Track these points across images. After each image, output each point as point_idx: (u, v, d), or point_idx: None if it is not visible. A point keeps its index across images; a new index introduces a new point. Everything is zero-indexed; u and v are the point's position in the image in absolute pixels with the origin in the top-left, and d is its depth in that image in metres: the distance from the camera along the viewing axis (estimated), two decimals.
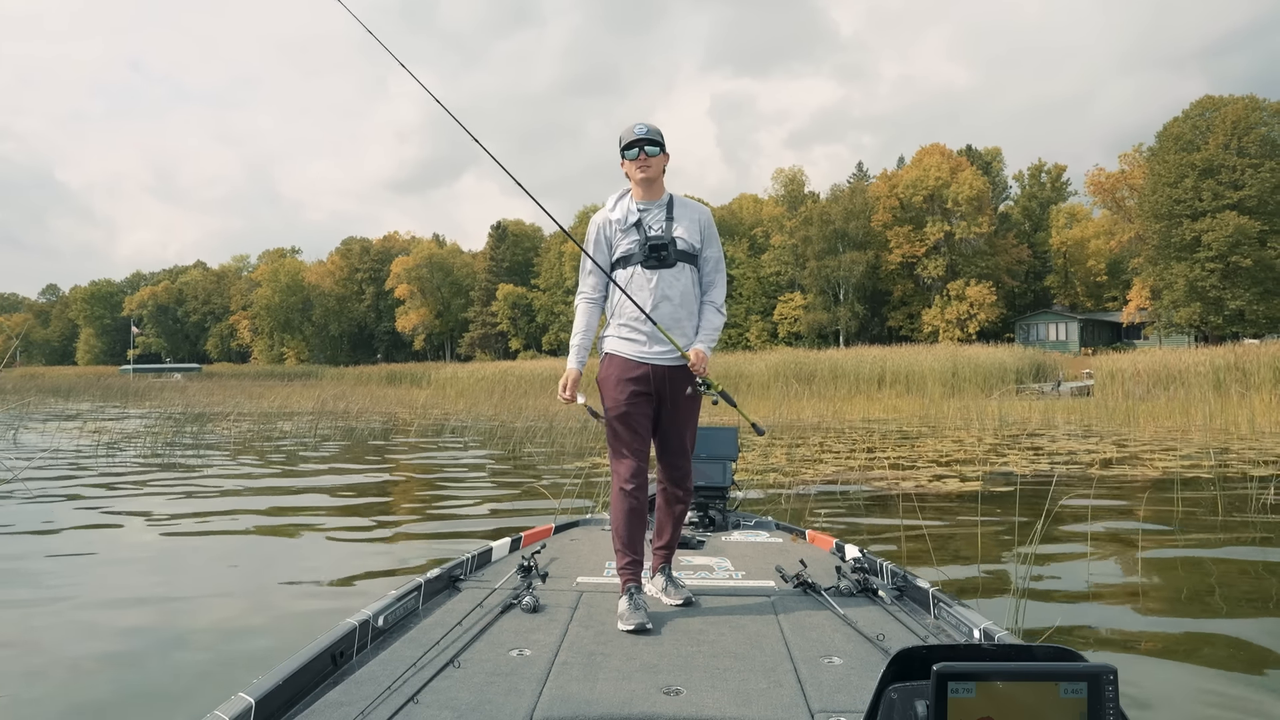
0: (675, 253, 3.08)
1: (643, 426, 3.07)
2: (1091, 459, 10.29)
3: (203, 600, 4.39)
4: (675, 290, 3.08)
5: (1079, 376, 36.12)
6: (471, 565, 3.48)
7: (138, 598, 4.40)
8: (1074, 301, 65.10)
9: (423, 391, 34.23)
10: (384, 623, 2.64)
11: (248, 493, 8.12)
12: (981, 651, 1.41)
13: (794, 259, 62.39)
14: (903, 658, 1.37)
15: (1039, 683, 1.22)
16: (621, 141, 3.15)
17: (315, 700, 2.09)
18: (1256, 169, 44.84)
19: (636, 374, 3.06)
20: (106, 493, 7.96)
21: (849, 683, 2.26)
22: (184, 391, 32.31)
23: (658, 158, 3.12)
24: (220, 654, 3.51)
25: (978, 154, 65.16)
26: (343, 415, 18.65)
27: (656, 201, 3.15)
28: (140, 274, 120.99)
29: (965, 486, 8.18)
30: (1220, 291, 44.96)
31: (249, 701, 1.87)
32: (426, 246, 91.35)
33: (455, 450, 12.65)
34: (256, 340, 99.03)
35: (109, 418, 18.83)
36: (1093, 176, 56.92)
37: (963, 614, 2.71)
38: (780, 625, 2.79)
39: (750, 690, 2.20)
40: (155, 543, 5.87)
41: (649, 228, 3.11)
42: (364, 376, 58.72)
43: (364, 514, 7.03)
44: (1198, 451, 11.16)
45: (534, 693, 2.16)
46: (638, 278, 3.08)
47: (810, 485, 8.15)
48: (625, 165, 3.17)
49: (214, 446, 12.75)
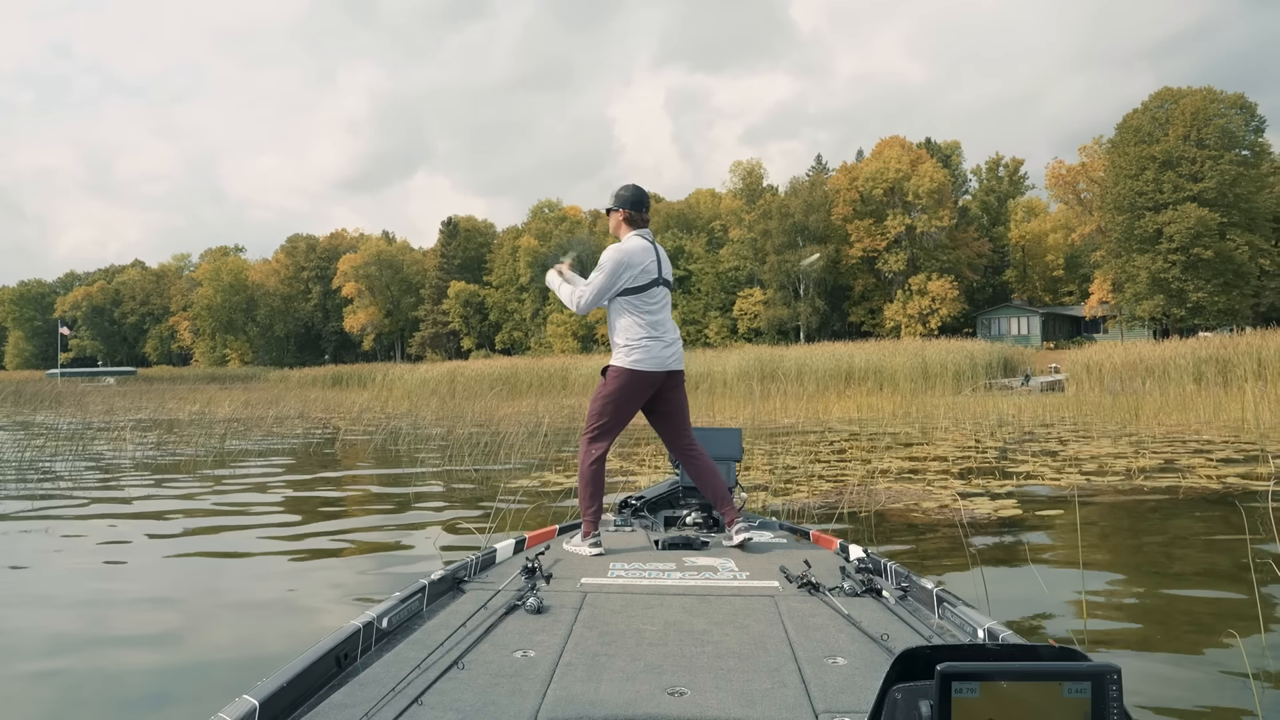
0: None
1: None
2: (1129, 468, 8.85)
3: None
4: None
5: (1046, 371, 35.39)
6: (475, 566, 3.47)
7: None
8: (1032, 296, 64.89)
9: (363, 393, 32.12)
10: (388, 624, 2.63)
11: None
12: (985, 651, 1.41)
13: (753, 253, 61.16)
14: (907, 658, 1.38)
15: (1043, 682, 1.22)
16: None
17: (319, 702, 2.09)
18: (1216, 161, 44.57)
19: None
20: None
21: (853, 683, 2.23)
22: (108, 397, 30.00)
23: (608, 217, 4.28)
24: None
25: (937, 147, 64.56)
26: (257, 423, 16.66)
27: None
28: (74, 274, 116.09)
29: (1015, 510, 6.65)
30: (1182, 283, 44.61)
31: (253, 704, 1.86)
32: (375, 244, 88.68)
33: (378, 469, 10.85)
34: (198, 342, 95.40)
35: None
36: (1053, 169, 56.61)
37: (967, 614, 2.68)
38: (784, 626, 2.78)
39: (754, 691, 2.19)
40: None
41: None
42: (308, 379, 56.15)
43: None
44: (1238, 455, 9.81)
45: (538, 694, 2.16)
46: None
47: (813, 505, 6.55)
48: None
49: (67, 473, 10.80)
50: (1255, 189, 45.52)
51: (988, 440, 12.11)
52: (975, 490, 7.50)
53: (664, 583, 3.37)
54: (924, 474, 8.69)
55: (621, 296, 4.06)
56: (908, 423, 15.83)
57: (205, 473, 9.79)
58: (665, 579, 3.43)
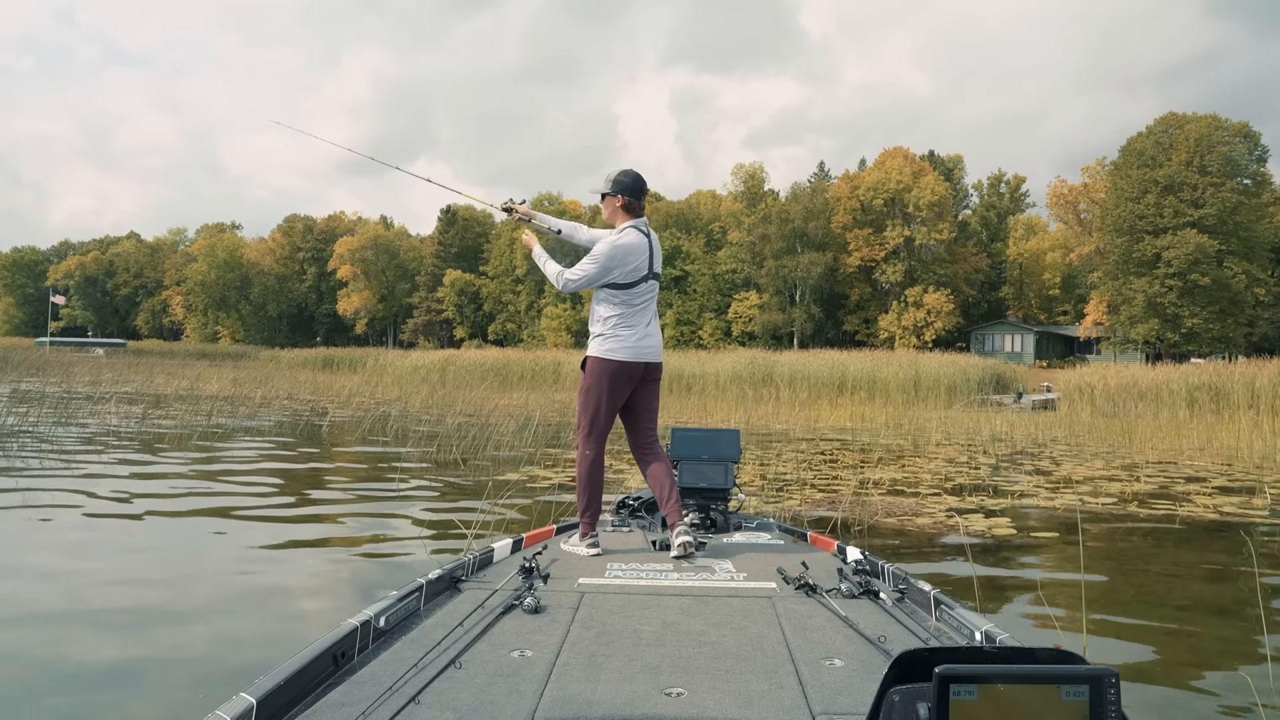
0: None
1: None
2: (1123, 491, 8.75)
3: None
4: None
5: (1038, 389, 35.40)
6: (473, 566, 3.46)
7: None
8: (1027, 314, 64.99)
9: (353, 377, 31.91)
10: (385, 623, 2.62)
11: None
12: (983, 654, 1.41)
13: (751, 257, 61.07)
14: (904, 660, 1.38)
15: (1041, 685, 1.22)
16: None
17: (317, 700, 2.08)
18: (1217, 188, 44.68)
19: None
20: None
21: (850, 685, 2.24)
22: (94, 368, 29.70)
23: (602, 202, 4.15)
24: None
25: (940, 160, 64.55)
26: (244, 402, 16.46)
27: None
28: (68, 243, 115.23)
29: (1010, 529, 6.55)
30: (1178, 309, 44.69)
31: (250, 701, 1.85)
32: (373, 228, 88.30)
33: (363, 453, 10.71)
34: (190, 317, 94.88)
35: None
36: (1054, 188, 56.69)
37: (965, 616, 2.67)
38: (782, 627, 2.77)
39: (752, 692, 2.19)
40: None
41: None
42: (299, 360, 55.81)
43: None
44: (1232, 483, 9.73)
45: (535, 694, 2.16)
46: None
47: (806, 515, 6.44)
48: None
49: (55, 439, 10.63)
50: (1255, 218, 45.66)
51: (980, 456, 12.01)
52: (969, 507, 7.39)
53: (661, 583, 3.36)
54: (917, 487, 8.58)
55: (607, 287, 3.98)
56: (900, 434, 15.74)
57: (181, 454, 9.63)
58: (662, 579, 3.42)
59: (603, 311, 4.01)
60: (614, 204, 4.07)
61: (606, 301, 3.99)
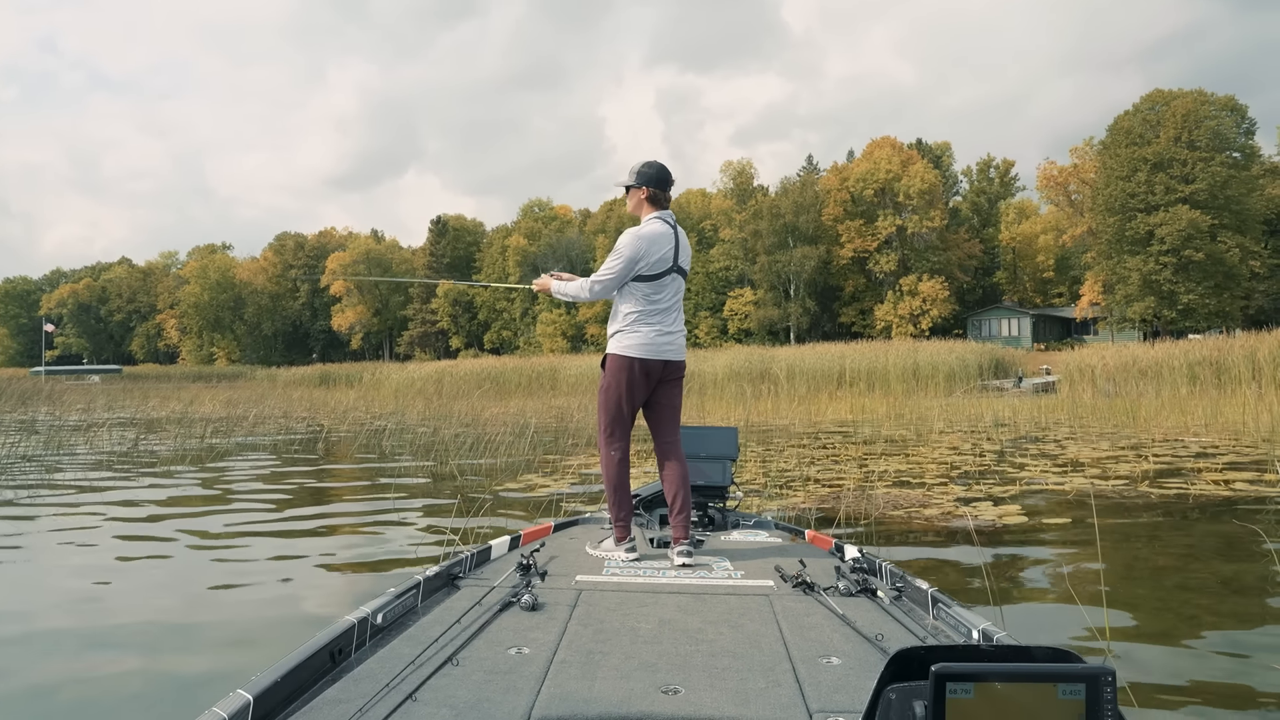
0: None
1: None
2: (1132, 471, 8.60)
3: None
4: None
5: (1038, 373, 35.26)
6: (470, 563, 3.44)
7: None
8: (1022, 297, 64.89)
9: (350, 393, 31.71)
10: (383, 620, 2.61)
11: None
12: (980, 652, 1.41)
13: (743, 253, 60.94)
14: (901, 658, 1.38)
15: (1037, 684, 1.22)
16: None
17: (314, 697, 2.08)
18: (1207, 163, 44.55)
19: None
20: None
21: (847, 683, 2.23)
22: (88, 394, 29.48)
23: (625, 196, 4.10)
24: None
25: (928, 148, 64.46)
26: (239, 421, 16.27)
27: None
28: (60, 271, 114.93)
29: (1020, 516, 6.39)
30: (1173, 285, 44.58)
31: (247, 698, 1.86)
32: (364, 242, 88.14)
33: (357, 470, 10.53)
34: (185, 340, 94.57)
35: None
36: (1044, 170, 56.58)
37: (962, 615, 2.65)
38: (779, 625, 2.75)
39: (749, 690, 2.18)
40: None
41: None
42: (296, 378, 55.56)
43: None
44: (1243, 459, 9.58)
45: (532, 691, 2.16)
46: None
47: (811, 511, 6.27)
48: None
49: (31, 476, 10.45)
50: (1246, 191, 45.54)
51: (984, 443, 11.86)
52: (977, 495, 7.24)
53: (659, 581, 3.34)
54: (922, 478, 8.42)
55: (631, 281, 3.84)
56: (902, 424, 15.59)
57: (177, 471, 9.46)
58: (660, 577, 3.40)
59: (624, 307, 3.87)
60: (638, 196, 3.96)
61: (631, 297, 3.84)
